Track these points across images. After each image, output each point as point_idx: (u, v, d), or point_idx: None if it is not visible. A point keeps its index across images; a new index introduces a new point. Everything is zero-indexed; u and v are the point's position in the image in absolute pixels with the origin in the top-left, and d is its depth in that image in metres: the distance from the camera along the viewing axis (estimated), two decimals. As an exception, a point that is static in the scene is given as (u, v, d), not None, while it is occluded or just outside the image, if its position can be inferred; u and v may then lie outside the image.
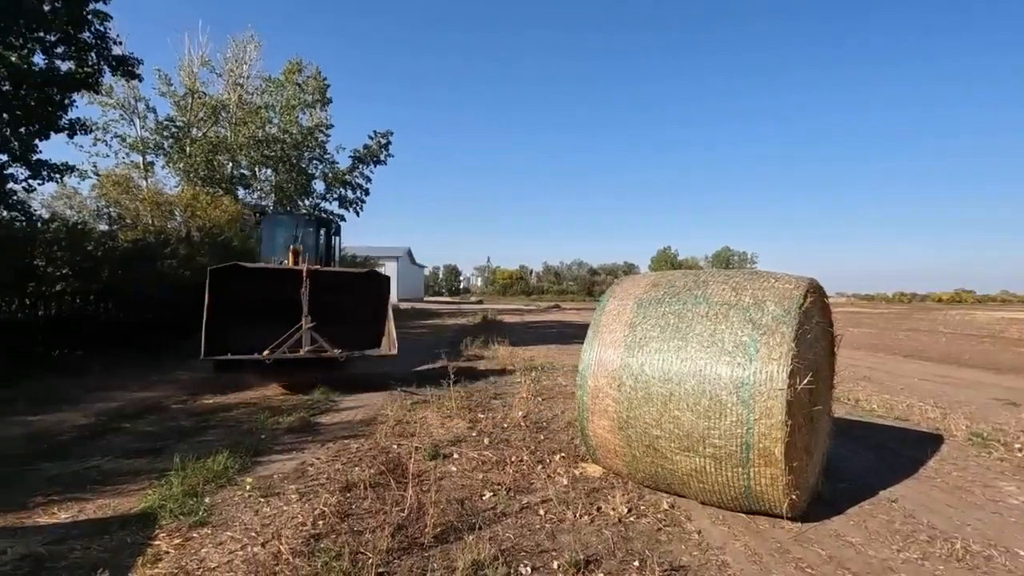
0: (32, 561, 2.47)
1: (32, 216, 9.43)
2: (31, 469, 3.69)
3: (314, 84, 23.01)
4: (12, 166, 9.29)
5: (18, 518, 2.94)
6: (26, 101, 9.27)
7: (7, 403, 5.30)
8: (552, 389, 6.92)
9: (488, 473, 3.77)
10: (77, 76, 9.91)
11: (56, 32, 9.28)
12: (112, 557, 2.52)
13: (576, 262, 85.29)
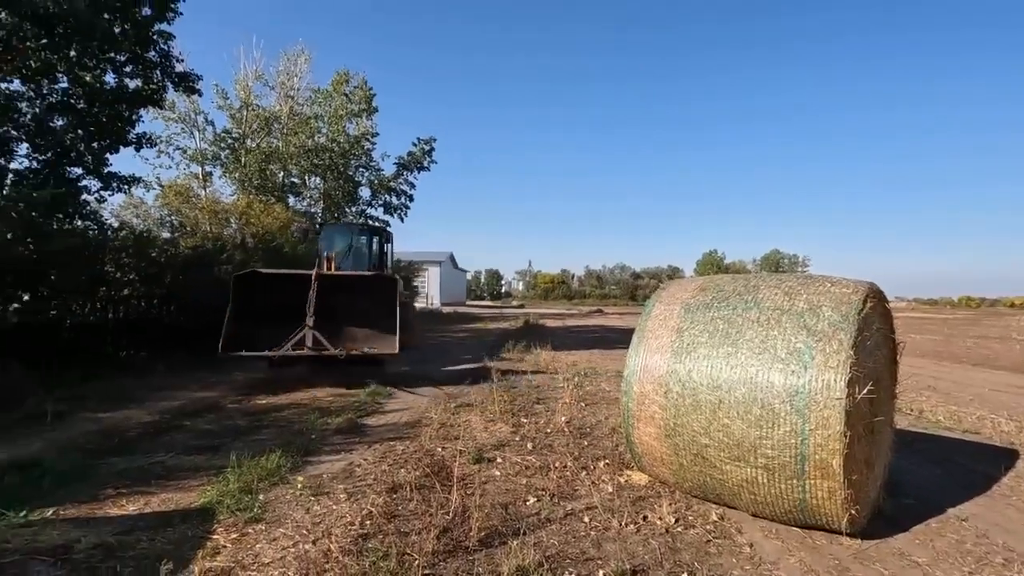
0: (103, 550, 2.62)
1: (103, 225, 10.05)
2: (102, 463, 3.92)
3: (360, 94, 23.65)
4: (86, 178, 9.94)
5: (91, 509, 3.13)
6: (98, 117, 9.92)
7: (80, 401, 5.66)
8: (595, 395, 6.85)
9: (532, 478, 3.76)
10: (144, 93, 10.53)
11: (125, 52, 9.89)
12: (175, 549, 2.65)
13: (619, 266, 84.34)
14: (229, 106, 20.99)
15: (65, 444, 4.32)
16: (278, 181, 21.71)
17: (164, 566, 2.36)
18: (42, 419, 4.90)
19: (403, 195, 25.07)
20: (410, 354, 10.76)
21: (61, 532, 2.79)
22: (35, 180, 9.13)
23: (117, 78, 10.32)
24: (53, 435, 4.60)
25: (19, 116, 8.92)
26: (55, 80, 9.44)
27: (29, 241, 7.35)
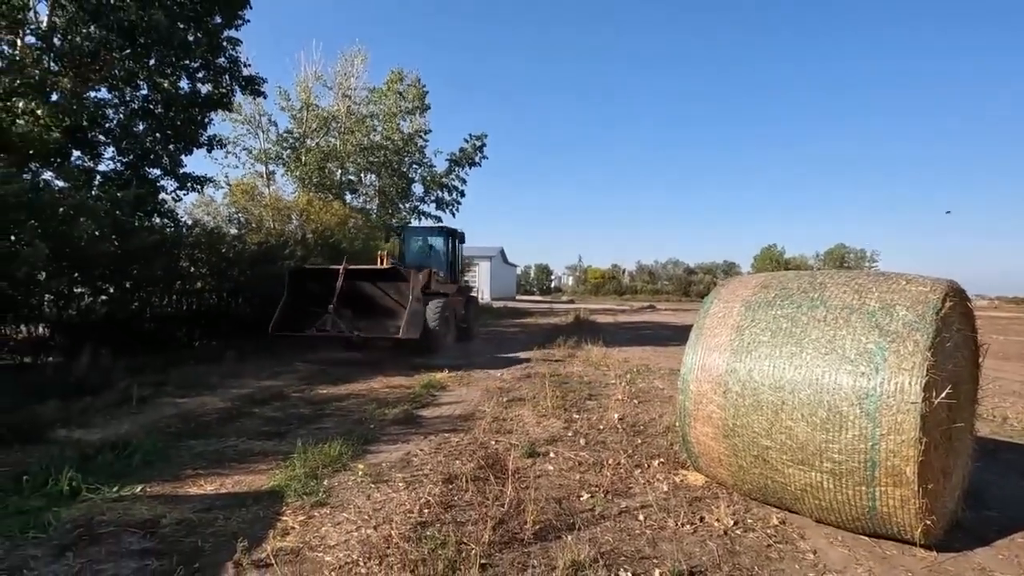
0: (186, 526, 2.83)
1: (179, 223, 10.74)
2: (182, 445, 4.22)
3: (414, 92, 24.11)
4: (164, 179, 10.64)
5: (173, 487, 3.37)
6: (174, 121, 10.58)
7: (161, 386, 6.10)
8: (648, 392, 6.75)
9: (585, 474, 3.76)
10: (214, 97, 11.14)
11: (198, 59, 10.48)
12: (248, 528, 2.82)
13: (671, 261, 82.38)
14: (291, 107, 21.89)
15: (149, 426, 4.68)
16: (336, 179, 22.46)
17: (240, 544, 2.52)
18: (129, 403, 5.31)
19: (455, 191, 25.42)
20: (463, 348, 11.00)
21: (149, 507, 3.03)
22: (119, 181, 9.85)
23: (191, 84, 10.96)
24: (139, 418, 4.98)
25: (106, 122, 9.62)
26: (137, 87, 10.13)
27: (115, 238, 7.95)
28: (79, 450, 3.87)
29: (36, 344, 7.41)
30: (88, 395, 5.31)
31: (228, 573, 2.38)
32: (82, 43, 8.92)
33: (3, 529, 2.67)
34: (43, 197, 6.67)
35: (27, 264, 5.91)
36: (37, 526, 2.73)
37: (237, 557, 2.46)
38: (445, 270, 11.97)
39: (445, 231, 12.84)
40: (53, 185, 8.16)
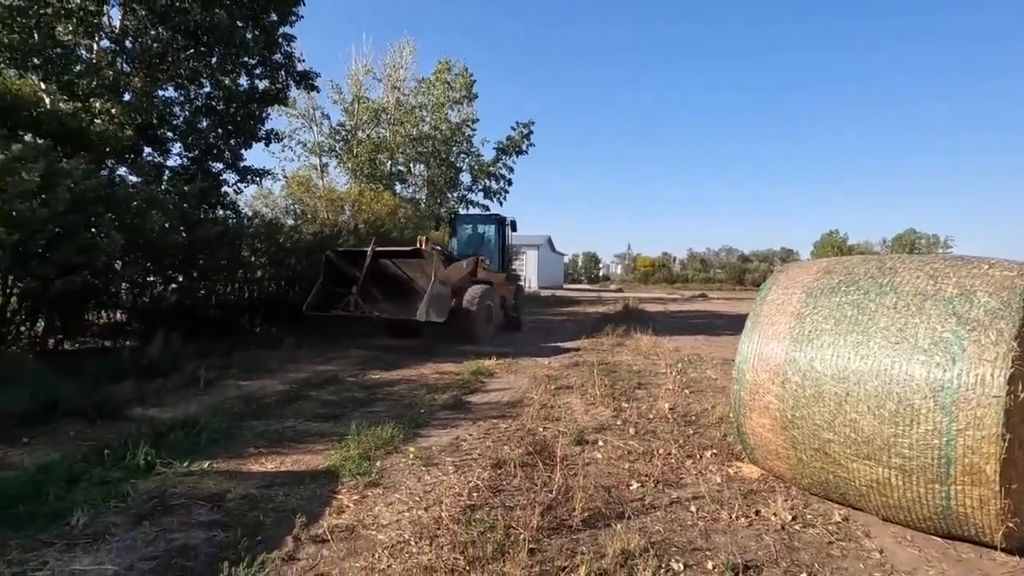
0: (249, 501, 2.98)
1: (240, 214, 11.25)
2: (244, 425, 4.43)
3: (461, 81, 24.23)
4: (226, 172, 11.15)
5: (237, 464, 3.55)
6: (235, 117, 11.05)
7: (226, 370, 6.43)
8: (700, 382, 6.58)
9: (635, 463, 3.71)
10: (271, 93, 11.55)
11: (256, 56, 10.87)
12: (306, 504, 2.94)
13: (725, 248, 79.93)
14: (342, 100, 22.47)
15: (215, 407, 4.94)
16: (386, 170, 22.94)
17: (299, 519, 2.63)
18: (196, 384, 5.63)
19: (502, 179, 25.47)
20: (511, 336, 11.04)
21: (216, 482, 3.20)
22: (186, 175, 10.39)
23: (249, 80, 11.41)
24: (206, 398, 5.27)
25: (173, 119, 10.14)
26: (200, 85, 10.63)
27: (182, 229, 8.40)
28: (153, 427, 4.13)
29: (115, 329, 7.95)
30: (160, 377, 5.65)
31: (288, 547, 2.48)
32: (151, 45, 9.41)
33: (88, 497, 2.88)
34: (119, 192, 7.12)
35: (106, 254, 6.32)
36: (117, 496, 2.94)
37: (296, 532, 2.57)
38: (495, 258, 11.93)
39: (496, 219, 12.79)
40: (127, 180, 8.70)
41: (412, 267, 8.97)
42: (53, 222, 5.76)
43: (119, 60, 9.79)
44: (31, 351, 6.64)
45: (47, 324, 7.02)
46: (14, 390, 4.38)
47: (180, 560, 2.37)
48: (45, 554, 2.38)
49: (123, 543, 2.51)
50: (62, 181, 5.98)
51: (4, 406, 4.13)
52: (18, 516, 2.67)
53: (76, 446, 3.79)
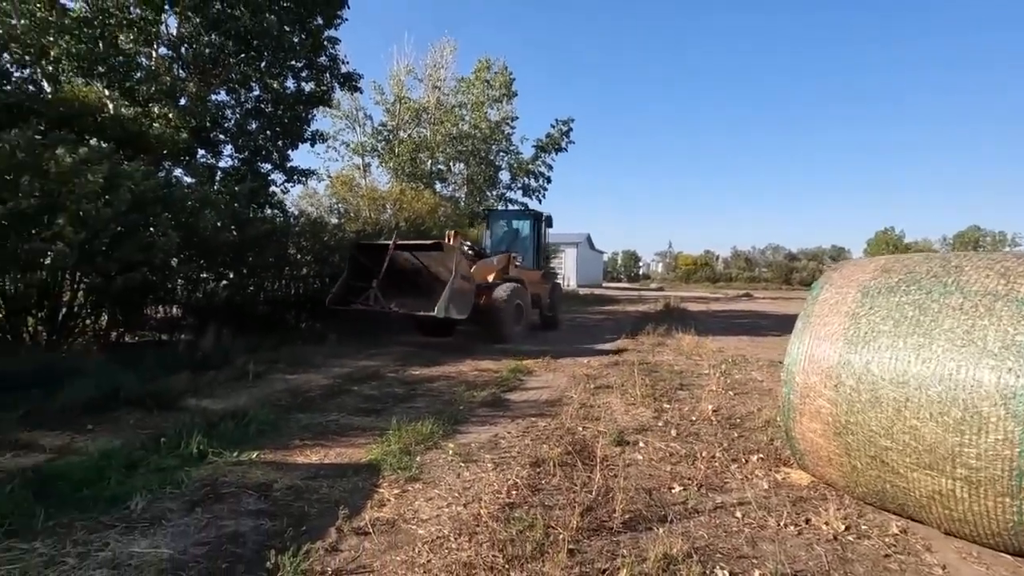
0: (294, 491, 3.06)
1: (287, 213, 11.60)
2: (290, 417, 4.56)
3: (501, 79, 24.27)
4: (273, 173, 11.52)
5: (284, 455, 3.66)
6: (282, 119, 11.40)
7: (274, 364, 6.64)
8: (745, 384, 6.39)
9: (676, 466, 3.62)
10: (316, 94, 11.86)
11: (302, 59, 11.19)
12: (349, 497, 3.00)
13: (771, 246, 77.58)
14: (384, 100, 22.87)
15: (263, 399, 5.11)
16: (426, 168, 23.22)
17: (342, 511, 2.68)
18: (246, 378, 5.83)
19: (541, 177, 25.37)
20: (548, 335, 11.00)
21: (263, 472, 3.31)
22: (236, 175, 10.78)
23: (295, 83, 11.74)
24: (255, 391, 5.46)
25: (225, 122, 10.54)
26: (250, 89, 11.01)
27: (233, 228, 8.72)
28: (205, 418, 4.30)
29: (171, 323, 8.33)
30: (213, 369, 5.89)
31: (331, 538, 2.53)
32: (204, 51, 9.81)
33: (146, 483, 3.02)
34: (175, 192, 7.44)
35: (163, 252, 6.62)
36: (172, 483, 3.08)
37: (339, 523, 2.62)
38: (530, 255, 11.58)
39: (531, 215, 12.35)
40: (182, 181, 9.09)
41: (435, 262, 8.68)
42: (116, 221, 6.07)
43: (175, 66, 10.25)
44: (95, 343, 7.03)
45: (110, 318, 7.42)
46: (80, 380, 4.64)
47: (230, 546, 2.46)
48: (107, 536, 2.50)
49: (177, 528, 2.62)
50: (124, 182, 6.30)
51: (72, 395, 4.38)
52: (83, 499, 2.82)
53: (135, 434, 3.99)
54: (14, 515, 2.58)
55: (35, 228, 5.62)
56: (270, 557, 2.25)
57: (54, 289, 6.39)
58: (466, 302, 8.26)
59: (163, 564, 2.30)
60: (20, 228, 5.53)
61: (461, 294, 8.08)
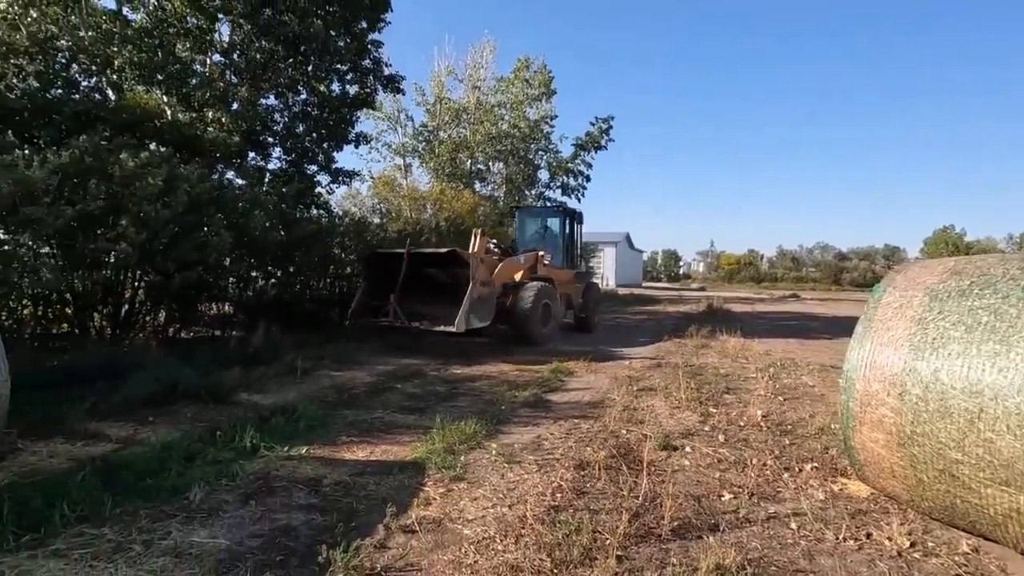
0: (342, 487, 3.12)
1: (331, 213, 11.89)
2: (337, 413, 4.67)
3: (540, 78, 24.18)
4: (319, 174, 11.83)
5: (331, 451, 3.74)
6: (327, 122, 11.68)
7: (320, 360, 6.82)
8: (795, 389, 6.16)
9: (725, 473, 3.52)
10: (360, 97, 12.10)
11: (348, 62, 11.43)
12: (395, 494, 3.04)
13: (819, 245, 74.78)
14: (425, 101, 23.14)
15: (311, 395, 5.24)
16: (466, 168, 23.37)
17: (389, 509, 2.72)
18: (294, 374, 6.00)
19: (580, 175, 25.17)
20: (589, 336, 10.89)
21: (313, 468, 3.39)
22: (284, 177, 11.12)
23: (341, 86, 12.02)
24: (302, 387, 5.62)
25: (274, 125, 10.89)
26: (297, 93, 11.33)
27: (281, 228, 9.00)
28: (257, 412, 4.45)
29: (223, 320, 8.67)
30: (263, 365, 6.09)
31: (379, 535, 2.57)
32: (255, 56, 10.14)
33: (204, 475, 3.14)
34: (227, 194, 7.74)
35: (216, 251, 6.90)
36: (228, 475, 3.19)
37: (387, 521, 2.66)
38: (561, 253, 11.11)
39: (562, 211, 11.79)
40: (234, 183, 9.44)
41: (454, 268, 8.17)
42: (173, 222, 6.36)
43: (228, 72, 10.65)
44: (154, 338, 7.38)
45: (167, 314, 7.78)
46: (142, 374, 4.88)
47: (283, 539, 2.52)
48: (169, 525, 2.61)
49: (233, 520, 2.70)
50: (181, 185, 6.58)
51: (134, 388, 4.61)
52: (146, 488, 2.96)
53: (192, 426, 4.16)
54: (85, 502, 2.72)
55: (101, 229, 5.94)
56: (321, 552, 2.30)
57: (117, 287, 6.74)
58: (488, 308, 7.98)
59: (221, 554, 2.38)
60: (88, 229, 5.85)
61: (481, 301, 7.80)
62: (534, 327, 8.85)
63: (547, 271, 10.05)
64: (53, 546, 2.37)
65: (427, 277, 8.39)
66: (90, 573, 2.21)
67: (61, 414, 4.04)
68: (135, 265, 6.40)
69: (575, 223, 11.58)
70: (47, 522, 2.53)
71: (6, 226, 5.51)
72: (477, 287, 7.63)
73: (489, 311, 7.99)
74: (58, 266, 5.69)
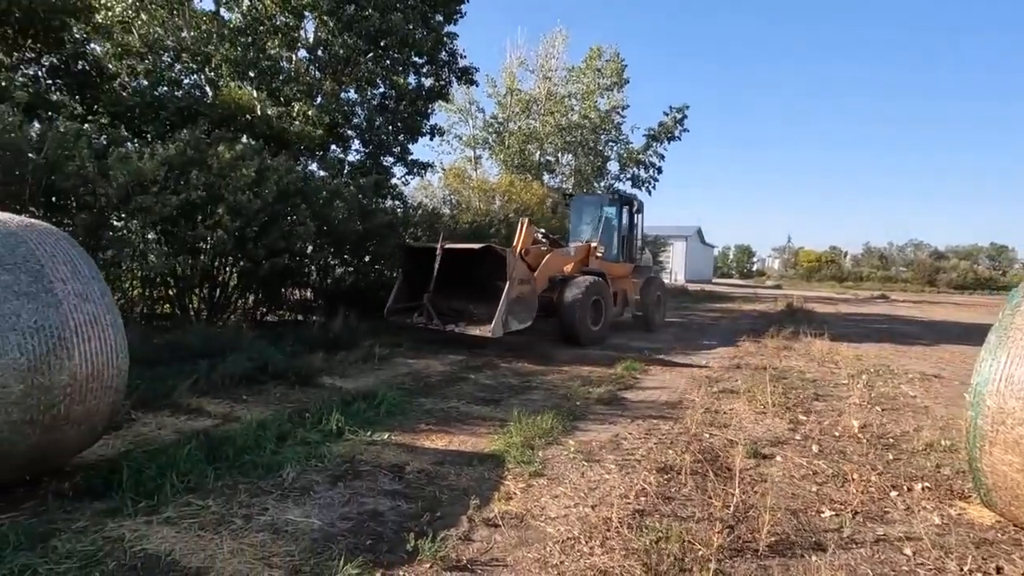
0: (425, 475, 3.16)
1: (406, 204, 12.18)
2: (415, 402, 4.75)
3: (612, 67, 23.65)
4: (395, 166, 12.14)
5: (412, 439, 3.80)
6: (403, 114, 11.94)
7: (396, 347, 7.00)
8: (894, 398, 5.68)
9: (823, 487, 3.28)
10: (435, 89, 12.28)
11: (424, 55, 11.62)
12: (476, 486, 3.04)
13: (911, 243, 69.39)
14: (496, 93, 23.22)
15: (389, 381, 5.39)
16: (535, 160, 23.30)
17: (472, 501, 2.72)
18: (372, 360, 6.19)
19: (651, 167, 24.45)
20: (661, 334, 10.54)
21: (395, 454, 3.46)
22: (362, 168, 11.48)
23: (417, 79, 12.24)
24: (380, 373, 5.78)
25: (354, 118, 11.25)
26: (376, 86, 11.64)
27: (358, 218, 9.31)
28: (340, 396, 4.61)
29: (305, 305, 9.09)
30: (343, 350, 6.32)
31: (463, 527, 2.57)
32: (338, 51, 10.50)
33: (295, 455, 3.27)
34: (311, 185, 8.07)
35: (302, 240, 7.22)
36: (316, 456, 3.30)
37: (470, 513, 2.66)
38: (616, 245, 10.17)
39: (619, 199, 10.73)
40: (317, 174, 9.84)
41: (492, 265, 7.33)
42: (263, 211, 6.70)
43: (312, 68, 11.09)
44: (244, 320, 7.84)
45: (255, 299, 8.24)
46: (235, 354, 5.17)
47: (372, 524, 2.58)
48: (265, 501, 2.73)
49: (323, 501, 2.79)
50: (271, 176, 6.92)
51: (231, 368, 4.89)
52: (244, 464, 3.12)
53: (282, 406, 4.36)
54: (192, 473, 2.90)
55: (200, 217, 6.35)
56: (409, 540, 2.32)
57: (213, 271, 7.20)
58: (528, 308, 7.30)
59: (314, 533, 2.46)
60: (189, 217, 6.27)
61: (520, 301, 7.16)
62: (582, 326, 8.12)
63: (600, 264, 9.31)
64: (165, 514, 2.54)
65: (465, 273, 7.69)
66: (198, 542, 2.34)
67: (168, 389, 4.34)
68: (229, 251, 6.80)
69: (634, 213, 10.67)
70: (159, 490, 2.71)
71: (119, 214, 6.00)
72: (515, 287, 7.02)
73: (530, 311, 7.33)
74: (163, 251, 6.14)
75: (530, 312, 7.32)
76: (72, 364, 2.61)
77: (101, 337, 2.76)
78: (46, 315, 2.55)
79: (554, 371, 6.42)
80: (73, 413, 2.65)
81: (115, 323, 2.86)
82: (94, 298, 2.78)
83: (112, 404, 2.88)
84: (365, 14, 10.07)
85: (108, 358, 2.78)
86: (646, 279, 10.75)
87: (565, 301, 8.02)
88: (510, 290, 6.91)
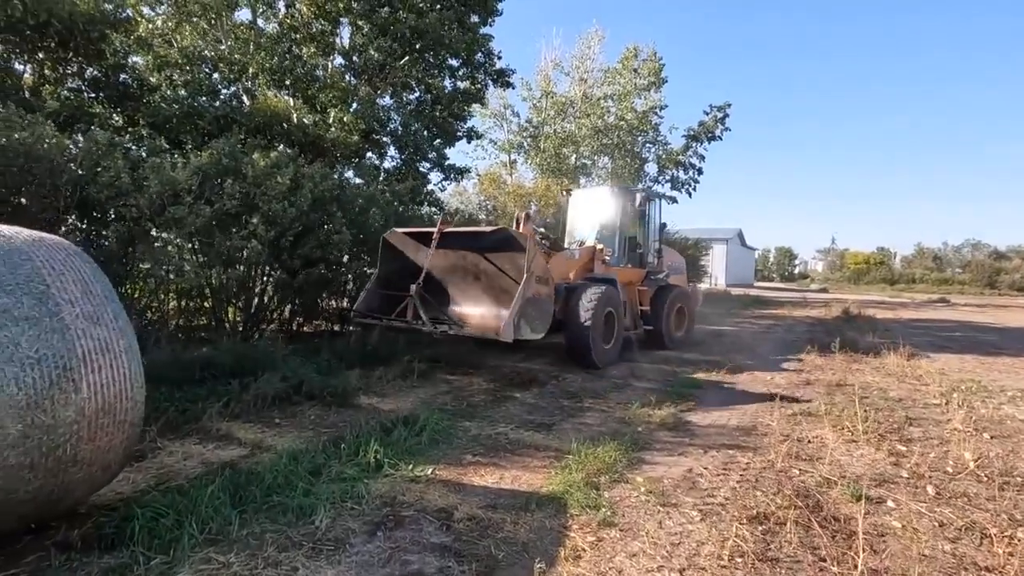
0: (476, 524, 2.72)
1: (443, 210, 11.88)
2: (459, 426, 4.33)
3: (649, 67, 22.96)
4: (431, 171, 11.86)
5: (458, 473, 3.38)
6: (438, 119, 11.66)
7: (436, 362, 6.60)
8: (1001, 422, 4.96)
9: (957, 544, 2.69)
10: (471, 92, 11.96)
11: (460, 57, 11.32)
12: (537, 539, 2.59)
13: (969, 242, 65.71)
14: (531, 96, 22.86)
15: (429, 401, 5.00)
16: (571, 163, 22.80)
17: (537, 564, 2.27)
18: (411, 376, 5.82)
19: (691, 168, 23.60)
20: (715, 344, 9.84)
21: (441, 495, 3.03)
22: (397, 175, 11.23)
23: (452, 82, 11.95)
24: (420, 392, 5.40)
25: (390, 123, 11.02)
26: (411, 90, 11.40)
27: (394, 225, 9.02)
28: (378, 420, 4.23)
29: (341, 316, 8.83)
30: (380, 365, 5.98)
31: (527, 597, 2.12)
32: (373, 56, 10.29)
33: (329, 494, 2.89)
34: (347, 192, 7.81)
35: (338, 249, 6.93)
36: (353, 496, 2.91)
37: (535, 579, 2.21)
38: (618, 247, 8.65)
39: (625, 191, 9.11)
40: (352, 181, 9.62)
41: (501, 256, 6.05)
42: (299, 220, 6.44)
43: (347, 74, 10.93)
44: (280, 332, 7.61)
45: (291, 309, 8.01)
46: (270, 373, 4.87)
47: (417, 592, 2.16)
48: (295, 558, 2.35)
49: (361, 556, 2.39)
50: (306, 183, 6.67)
51: (262, 387, 4.59)
52: (272, 507, 2.75)
53: (316, 432, 4.02)
54: (214, 520, 2.55)
55: (235, 227, 6.13)
56: (465, 620, 1.89)
57: (248, 282, 6.99)
58: (544, 314, 5.98)
59: (351, 605, 2.05)
60: (224, 227, 6.05)
61: (536, 303, 5.85)
62: (595, 344, 6.74)
63: (607, 270, 7.96)
64: (180, 574, 2.18)
65: (469, 267, 6.34)
66: (216, 614, 1.96)
67: (197, 413, 4.06)
68: (264, 262, 6.57)
69: (647, 209, 9.07)
70: (176, 542, 2.36)
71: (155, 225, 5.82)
72: (532, 283, 5.75)
73: (545, 318, 6.00)
74: (198, 262, 5.93)
75: (545, 320, 5.99)
76: (79, 398, 2.29)
77: (113, 365, 2.43)
78: (49, 342, 2.23)
79: (607, 388, 5.91)
80: (81, 453, 2.33)
81: (130, 348, 2.53)
82: (106, 321, 2.46)
83: (127, 439, 2.55)
84: (400, 16, 9.83)
85: (121, 389, 2.45)
86: (657, 288, 8.97)
87: (575, 314, 6.67)
88: (526, 286, 5.64)
